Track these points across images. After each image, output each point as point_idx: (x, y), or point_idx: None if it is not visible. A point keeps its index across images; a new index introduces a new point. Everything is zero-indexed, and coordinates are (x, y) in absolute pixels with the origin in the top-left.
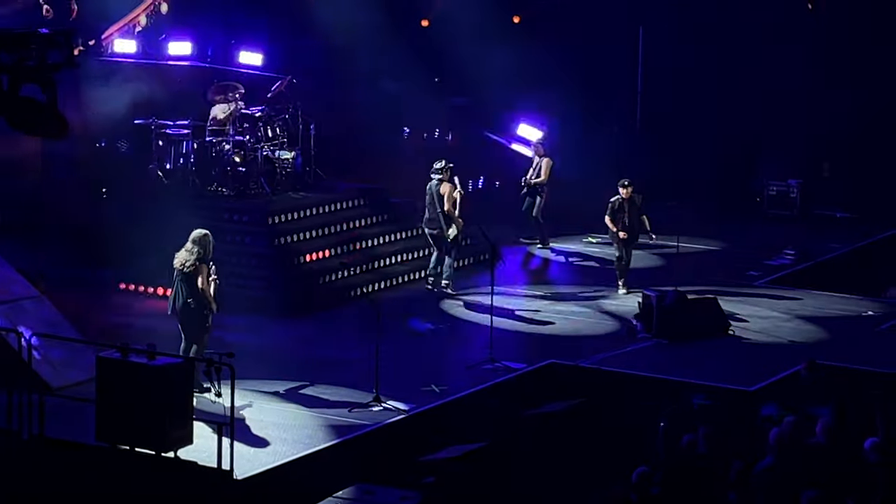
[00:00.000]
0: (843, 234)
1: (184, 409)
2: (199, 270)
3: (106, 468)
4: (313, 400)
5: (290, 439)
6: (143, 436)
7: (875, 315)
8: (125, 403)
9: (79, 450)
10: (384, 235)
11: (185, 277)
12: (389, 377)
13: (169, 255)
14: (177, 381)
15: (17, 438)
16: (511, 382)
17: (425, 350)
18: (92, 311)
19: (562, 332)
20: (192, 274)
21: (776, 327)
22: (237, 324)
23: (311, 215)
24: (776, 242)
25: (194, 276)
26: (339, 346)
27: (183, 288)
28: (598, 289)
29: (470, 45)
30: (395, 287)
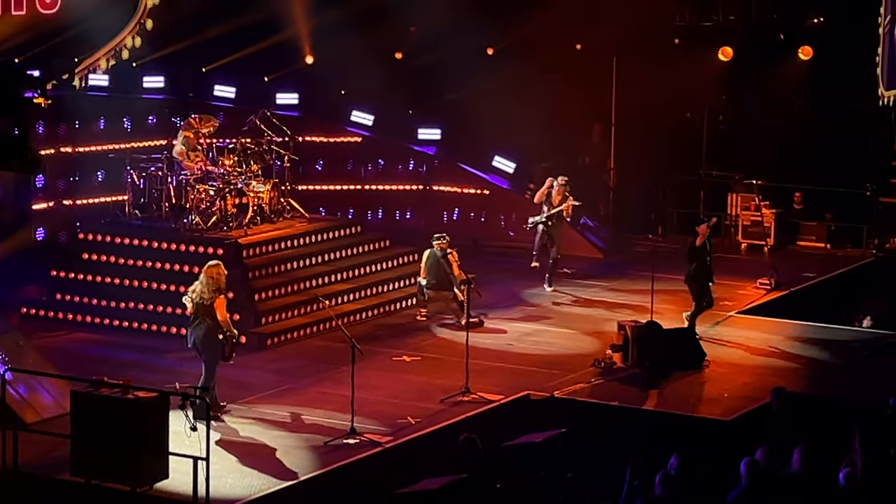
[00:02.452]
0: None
1: (159, 443)
2: (218, 301)
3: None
4: (289, 433)
5: (267, 472)
6: (117, 470)
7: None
8: (99, 438)
9: (53, 485)
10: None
11: (206, 309)
12: (366, 409)
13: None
14: (151, 414)
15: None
16: (486, 414)
17: (401, 381)
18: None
19: (538, 362)
20: (212, 305)
21: (752, 357)
22: None
23: (286, 248)
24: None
25: (213, 306)
26: (315, 378)
27: (205, 319)
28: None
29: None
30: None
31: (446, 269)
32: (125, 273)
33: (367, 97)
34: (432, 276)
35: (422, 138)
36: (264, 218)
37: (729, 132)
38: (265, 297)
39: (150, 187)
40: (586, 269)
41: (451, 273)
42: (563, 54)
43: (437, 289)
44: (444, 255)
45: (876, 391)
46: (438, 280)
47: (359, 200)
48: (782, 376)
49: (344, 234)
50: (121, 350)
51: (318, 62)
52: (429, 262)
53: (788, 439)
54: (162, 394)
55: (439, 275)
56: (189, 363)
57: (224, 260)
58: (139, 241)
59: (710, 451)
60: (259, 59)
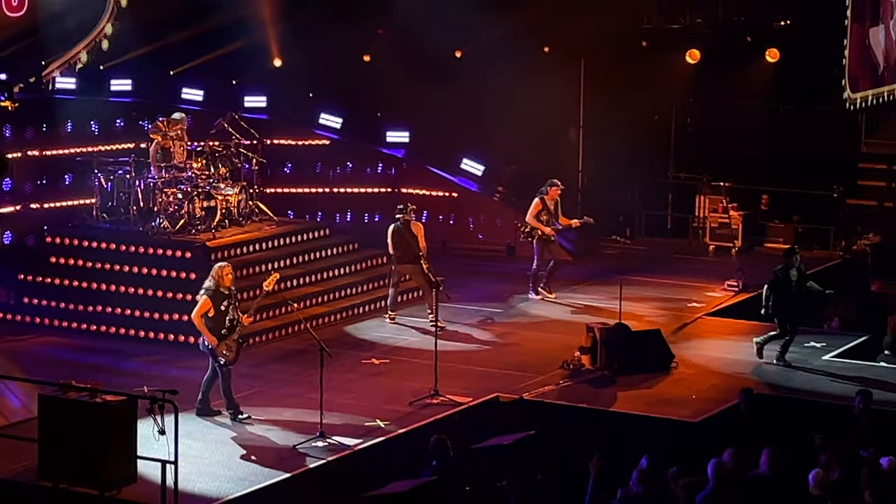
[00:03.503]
0: None
1: (127, 447)
2: (201, 302)
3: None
4: (258, 436)
5: (235, 476)
6: (85, 475)
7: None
8: (67, 442)
9: (21, 489)
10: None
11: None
12: (334, 412)
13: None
14: (119, 418)
15: None
16: (455, 416)
17: (370, 384)
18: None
19: (506, 364)
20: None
21: (720, 358)
22: (181, 359)
23: (254, 251)
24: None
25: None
26: (283, 381)
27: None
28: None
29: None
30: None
31: (409, 241)
32: (93, 277)
33: (336, 100)
34: (398, 249)
35: (390, 141)
36: (232, 221)
37: (696, 134)
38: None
39: (117, 191)
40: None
41: (416, 245)
42: (531, 57)
43: (402, 262)
44: (405, 226)
45: (843, 392)
46: (403, 252)
47: (327, 203)
48: (749, 377)
49: (312, 237)
50: (89, 354)
51: (286, 65)
52: (394, 237)
53: (756, 440)
54: (130, 397)
55: (403, 246)
56: (158, 366)
57: (192, 263)
58: (107, 245)
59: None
60: (227, 61)
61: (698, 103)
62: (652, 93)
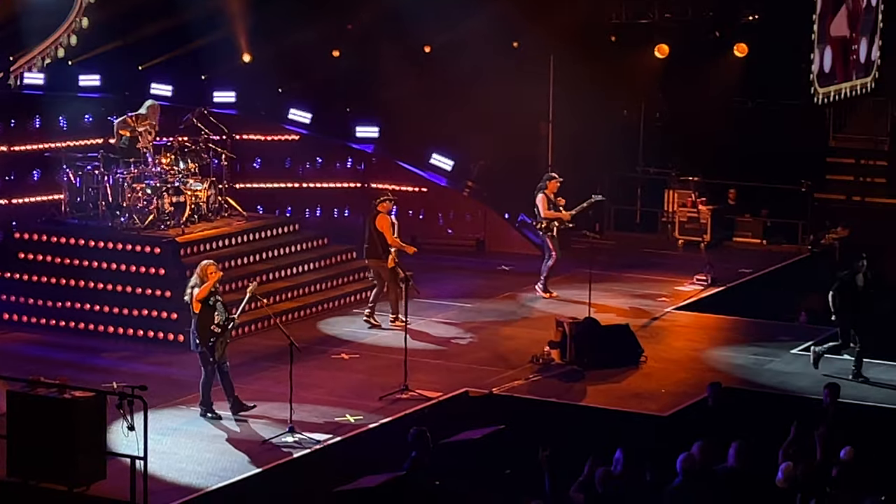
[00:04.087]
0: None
1: (96, 443)
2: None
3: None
4: (228, 431)
5: (204, 472)
6: (54, 470)
7: (786, 339)
8: (36, 438)
9: None
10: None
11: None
12: (305, 407)
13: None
14: (88, 414)
15: None
16: (425, 411)
17: (340, 379)
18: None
19: (477, 359)
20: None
21: (689, 353)
22: (151, 355)
23: (223, 246)
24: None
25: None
26: (253, 376)
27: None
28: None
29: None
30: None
31: (372, 234)
32: (62, 272)
33: (305, 95)
34: (366, 241)
35: (360, 136)
36: (202, 216)
37: (665, 129)
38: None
39: (86, 186)
40: (524, 265)
41: (378, 241)
42: (500, 52)
43: (368, 256)
44: (371, 219)
45: (811, 385)
46: (370, 245)
47: (297, 198)
48: (718, 371)
49: (282, 232)
50: (58, 350)
51: (255, 60)
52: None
53: (725, 434)
54: (99, 393)
55: (367, 239)
56: (127, 362)
57: (161, 259)
58: (76, 241)
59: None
60: (196, 57)
61: (667, 98)
62: (621, 88)
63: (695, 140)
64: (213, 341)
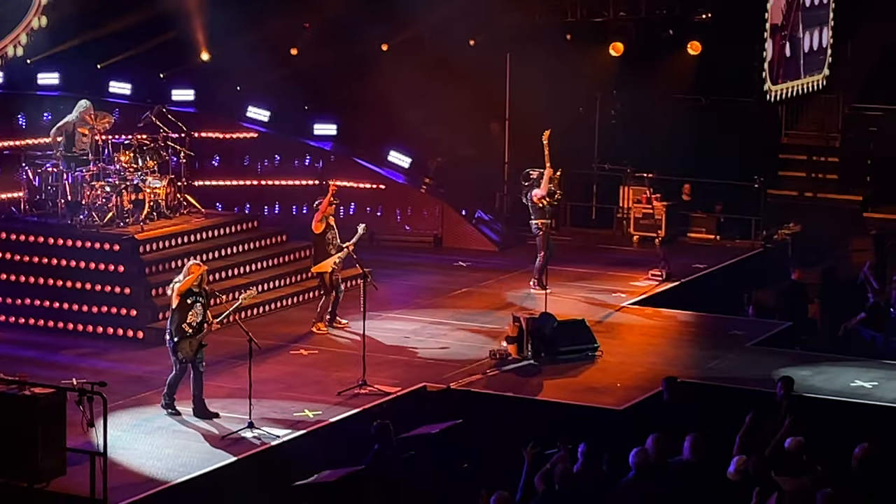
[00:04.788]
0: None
1: (56, 440)
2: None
3: None
4: (188, 427)
5: (164, 468)
6: (14, 467)
7: (741, 333)
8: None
9: None
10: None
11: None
12: (264, 402)
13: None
14: (48, 411)
15: None
16: (383, 406)
17: (299, 375)
18: None
19: (434, 354)
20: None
21: (644, 347)
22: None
23: (182, 244)
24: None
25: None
26: (212, 372)
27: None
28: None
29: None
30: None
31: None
32: (21, 270)
33: (263, 93)
34: None
35: (318, 134)
36: (161, 214)
37: (620, 126)
38: (162, 292)
39: (45, 184)
40: (481, 262)
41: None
42: (457, 50)
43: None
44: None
45: (764, 378)
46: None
47: (255, 196)
48: (673, 365)
49: (240, 229)
50: (17, 346)
51: (213, 58)
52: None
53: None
54: (59, 390)
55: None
56: (87, 359)
57: (121, 256)
58: (35, 238)
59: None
60: (154, 55)
61: (622, 96)
62: (576, 85)
63: (649, 137)
64: (178, 340)
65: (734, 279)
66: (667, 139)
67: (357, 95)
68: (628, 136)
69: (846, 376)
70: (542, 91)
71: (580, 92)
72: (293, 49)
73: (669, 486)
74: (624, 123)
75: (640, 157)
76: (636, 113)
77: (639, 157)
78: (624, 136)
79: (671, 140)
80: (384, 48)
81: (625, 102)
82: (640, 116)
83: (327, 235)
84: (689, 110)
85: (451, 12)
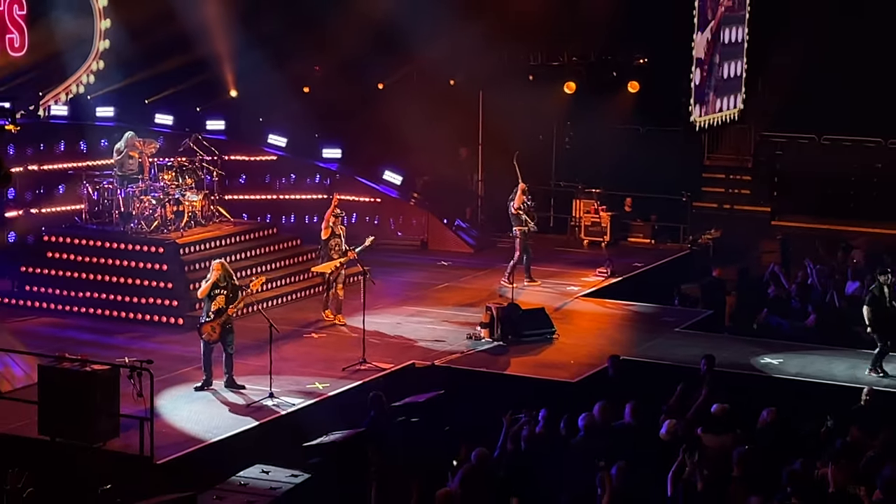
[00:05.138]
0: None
1: (111, 407)
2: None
3: (47, 458)
4: (220, 397)
5: (200, 430)
6: (77, 430)
7: (671, 319)
8: (62, 403)
9: (24, 442)
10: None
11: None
12: (282, 377)
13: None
14: (104, 383)
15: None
16: (380, 379)
17: (311, 354)
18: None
19: (421, 337)
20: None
21: (593, 330)
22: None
23: (215, 247)
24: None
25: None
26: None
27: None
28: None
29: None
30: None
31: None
32: (82, 268)
33: (281, 123)
34: None
35: (326, 156)
36: (197, 222)
37: (573, 150)
38: (199, 286)
39: (102, 198)
40: (460, 261)
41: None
42: (439, 88)
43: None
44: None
45: (691, 357)
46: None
47: (274, 208)
48: (617, 346)
49: (262, 235)
50: (79, 331)
51: (240, 95)
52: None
53: (621, 397)
54: (113, 366)
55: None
56: (136, 341)
57: (164, 257)
58: (93, 242)
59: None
60: (192, 92)
61: (574, 125)
62: (537, 117)
63: (597, 160)
64: (202, 323)
65: (666, 276)
66: (611, 161)
67: (358, 125)
68: (580, 158)
69: (758, 354)
70: (509, 122)
71: (540, 122)
72: (306, 87)
73: (613, 445)
74: (576, 148)
75: (589, 175)
76: (586, 140)
77: (588, 175)
78: (576, 158)
79: (615, 162)
80: (380, 87)
81: (577, 131)
82: (589, 143)
83: (331, 242)
84: (629, 138)
85: (434, 57)
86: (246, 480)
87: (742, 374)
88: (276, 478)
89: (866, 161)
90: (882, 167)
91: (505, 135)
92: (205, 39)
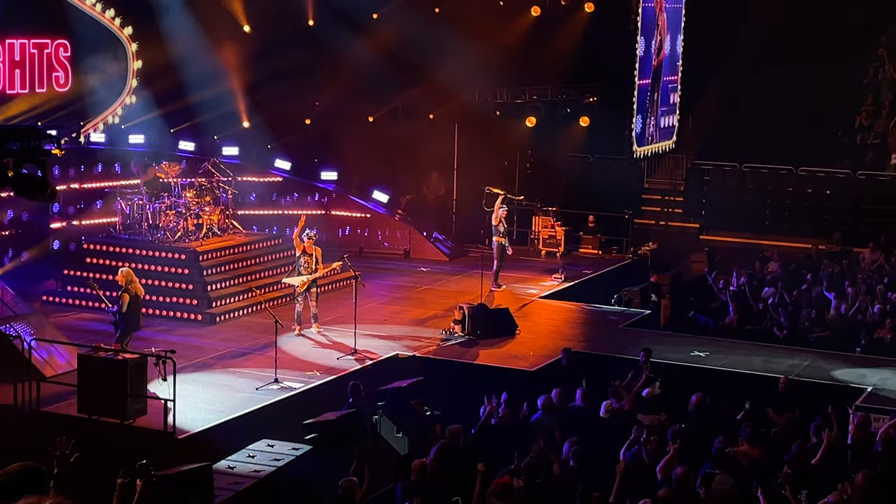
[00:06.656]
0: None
1: (140, 390)
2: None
3: (85, 433)
4: (232, 381)
5: (216, 409)
6: (111, 409)
7: (615, 318)
8: (98, 386)
9: (65, 419)
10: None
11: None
12: (285, 365)
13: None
14: (134, 370)
15: (21, 413)
16: (368, 367)
17: (309, 346)
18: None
19: (404, 332)
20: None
21: (549, 327)
22: (178, 329)
23: (230, 254)
24: (547, 269)
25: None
26: (250, 344)
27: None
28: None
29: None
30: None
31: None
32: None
33: (286, 150)
34: None
35: (324, 178)
36: (214, 233)
37: (533, 174)
38: (215, 287)
39: (133, 212)
40: (437, 268)
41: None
42: (420, 121)
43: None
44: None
45: (632, 349)
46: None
47: (280, 221)
48: (569, 340)
49: (270, 244)
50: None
51: (252, 126)
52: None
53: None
54: (142, 355)
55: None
56: (161, 334)
57: (186, 263)
58: (126, 250)
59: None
60: (211, 123)
61: (534, 154)
62: (503, 146)
63: (553, 182)
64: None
65: (611, 281)
66: (566, 184)
67: (351, 152)
68: (539, 181)
69: (688, 348)
70: (479, 150)
71: (506, 150)
72: (307, 119)
73: (566, 423)
74: (536, 172)
75: (546, 196)
76: (544, 166)
77: (546, 196)
78: (536, 181)
79: (569, 184)
80: (370, 120)
81: (536, 158)
82: (547, 168)
83: (301, 259)
84: (581, 164)
85: (416, 95)
86: (254, 452)
87: (675, 364)
88: (280, 450)
89: (779, 185)
90: (792, 190)
91: (476, 161)
92: (221, 78)
